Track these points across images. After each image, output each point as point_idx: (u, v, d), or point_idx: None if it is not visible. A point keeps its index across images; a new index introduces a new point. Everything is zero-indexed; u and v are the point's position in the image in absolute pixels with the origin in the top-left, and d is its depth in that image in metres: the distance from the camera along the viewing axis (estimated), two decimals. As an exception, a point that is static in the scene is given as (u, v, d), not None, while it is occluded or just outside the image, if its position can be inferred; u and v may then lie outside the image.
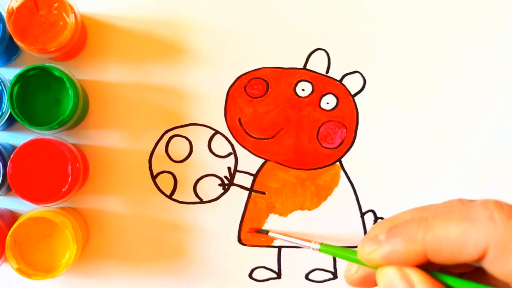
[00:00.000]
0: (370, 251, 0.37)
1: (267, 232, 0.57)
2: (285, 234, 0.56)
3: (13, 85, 0.51)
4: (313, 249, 0.51)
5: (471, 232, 0.34)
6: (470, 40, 0.58)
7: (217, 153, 0.58)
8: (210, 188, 0.58)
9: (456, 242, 0.34)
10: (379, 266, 0.37)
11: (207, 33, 0.57)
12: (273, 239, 0.58)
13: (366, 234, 0.41)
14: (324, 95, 0.58)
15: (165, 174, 0.57)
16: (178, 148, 0.57)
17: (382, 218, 0.58)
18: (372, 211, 0.58)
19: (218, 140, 0.57)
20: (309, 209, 0.58)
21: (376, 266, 0.38)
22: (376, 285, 0.39)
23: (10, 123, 0.55)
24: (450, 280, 0.36)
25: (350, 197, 0.58)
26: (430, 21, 0.58)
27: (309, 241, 0.52)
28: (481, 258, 0.34)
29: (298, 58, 0.58)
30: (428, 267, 0.37)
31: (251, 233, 0.58)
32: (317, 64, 0.58)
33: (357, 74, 0.58)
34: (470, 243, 0.33)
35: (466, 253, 0.34)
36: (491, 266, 0.34)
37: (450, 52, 0.58)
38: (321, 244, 0.50)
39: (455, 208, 0.36)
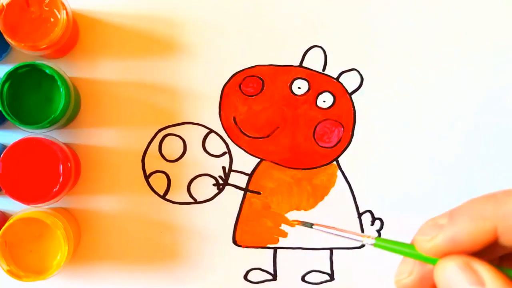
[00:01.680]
0: (432, 237, 0.33)
1: (311, 225, 0.54)
2: (332, 228, 0.52)
3: (3, 83, 0.51)
4: (367, 244, 0.48)
5: None
6: (469, 38, 0.59)
7: (211, 152, 0.58)
8: (204, 188, 0.58)
9: None
10: (443, 254, 0.33)
11: (201, 29, 0.58)
12: (268, 241, 0.58)
13: (420, 227, 0.36)
14: (321, 93, 0.58)
15: (158, 174, 0.58)
16: (172, 147, 0.58)
17: (380, 219, 0.59)
18: (370, 211, 0.59)
19: (212, 139, 0.58)
20: (305, 210, 0.59)
21: (436, 260, 0.33)
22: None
23: (0, 121, 0.55)
24: None
25: (347, 197, 0.59)
26: (429, 17, 0.59)
27: (362, 235, 0.48)
28: None
29: (294, 55, 0.58)
30: (485, 256, 0.33)
31: (296, 224, 0.56)
32: (314, 62, 0.58)
33: (354, 71, 0.58)
34: None
35: None
36: None
37: (450, 49, 0.59)
38: (376, 238, 0.41)
39: None
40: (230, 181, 0.58)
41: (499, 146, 0.59)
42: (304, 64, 0.58)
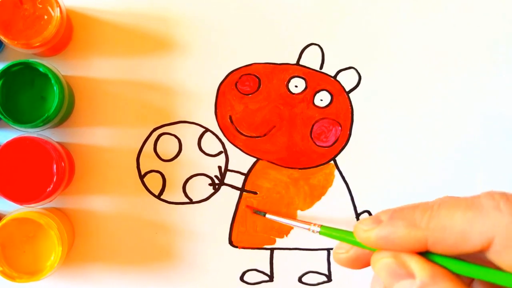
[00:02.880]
0: (368, 229, 0.38)
1: (264, 213, 0.58)
2: (282, 217, 0.57)
3: (-4, 82, 0.52)
4: (313, 231, 0.51)
5: (477, 221, 0.34)
6: (469, 37, 0.59)
7: (207, 151, 0.58)
8: (200, 188, 0.58)
9: (461, 231, 0.34)
10: (375, 246, 0.37)
11: (197, 27, 0.58)
12: (264, 241, 0.59)
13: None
14: (318, 91, 0.59)
15: (153, 173, 0.58)
16: (167, 146, 0.58)
17: (378, 219, 0.59)
18: (368, 211, 0.59)
19: (208, 138, 0.58)
20: (302, 210, 0.59)
21: (372, 248, 0.38)
22: (362, 266, 0.40)
23: (-7, 120, 0.56)
24: (451, 263, 0.36)
25: (344, 197, 0.59)
26: (428, 16, 0.59)
27: (309, 223, 0.52)
28: (485, 248, 0.34)
29: (291, 53, 0.59)
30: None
31: (248, 209, 0.58)
32: (311, 60, 0.59)
33: (352, 70, 0.59)
34: (475, 232, 0.34)
35: (470, 243, 0.34)
36: (497, 256, 0.34)
37: (449, 48, 0.59)
38: (321, 226, 0.50)
39: (461, 199, 0.36)
40: (226, 181, 0.59)
41: (499, 146, 0.59)
42: (301, 62, 0.59)
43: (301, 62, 0.59)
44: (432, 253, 0.36)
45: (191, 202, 0.59)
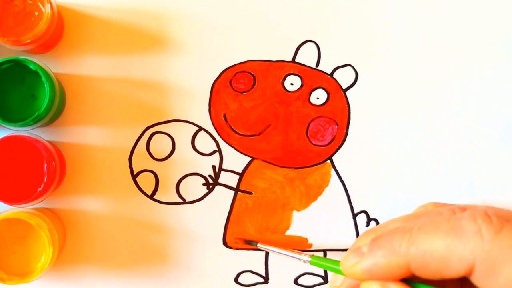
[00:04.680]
0: (353, 263, 0.39)
1: (256, 243, 0.58)
2: (275, 246, 0.57)
3: (-15, 79, 0.52)
4: (304, 261, 0.52)
5: (457, 247, 0.35)
6: (467, 35, 0.60)
7: (201, 150, 0.59)
8: (193, 187, 0.59)
9: (441, 256, 0.35)
10: (362, 279, 0.38)
11: (190, 23, 0.59)
12: (261, 241, 0.59)
13: (352, 245, 0.43)
14: (314, 89, 0.59)
15: (146, 173, 0.59)
16: (160, 145, 0.59)
17: (375, 220, 0.60)
18: (365, 212, 0.60)
19: (202, 137, 0.59)
20: (298, 210, 0.60)
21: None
22: None
23: (-18, 119, 0.56)
24: None
25: (341, 197, 0.60)
26: (426, 12, 0.59)
27: (300, 253, 0.53)
28: (468, 273, 0.35)
29: (286, 50, 0.59)
30: (415, 281, 0.38)
31: (238, 243, 0.59)
32: (307, 57, 0.59)
33: (348, 67, 0.59)
34: (456, 258, 0.34)
35: (452, 269, 0.35)
36: (479, 282, 0.35)
37: (447, 46, 0.60)
38: (311, 256, 0.51)
39: (442, 218, 0.36)
40: (220, 181, 0.59)
41: (498, 145, 0.60)
42: (297, 60, 0.59)
43: (297, 59, 0.59)
44: (416, 282, 0.37)
45: (185, 202, 0.59)
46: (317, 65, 0.59)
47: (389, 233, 0.38)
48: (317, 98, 0.59)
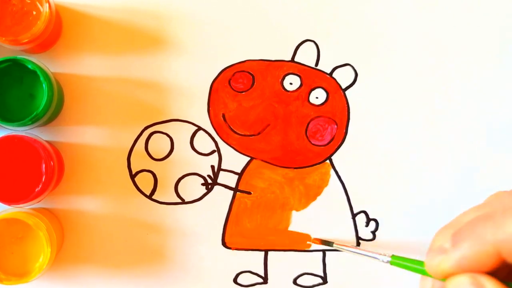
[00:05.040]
0: (439, 262, 0.37)
1: (332, 243, 0.58)
2: (351, 246, 0.57)
3: (-17, 79, 0.52)
4: (383, 261, 0.51)
5: None
6: (467, 33, 0.60)
7: (199, 150, 0.59)
8: (192, 187, 0.59)
9: None
10: (450, 276, 0.37)
11: (189, 23, 0.59)
12: (257, 243, 0.59)
13: (430, 246, 0.40)
14: (313, 89, 0.59)
15: (144, 173, 0.59)
16: (159, 145, 0.59)
17: (375, 220, 0.60)
18: (364, 212, 0.60)
19: (201, 137, 0.59)
20: (297, 210, 0.60)
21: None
22: None
23: (-20, 119, 0.56)
24: None
25: (340, 197, 0.60)
26: (426, 11, 0.60)
27: (378, 253, 0.52)
28: None
29: (285, 50, 0.59)
30: (505, 276, 0.36)
31: (316, 242, 0.59)
32: (306, 56, 0.59)
33: (348, 67, 0.59)
34: None
35: None
36: None
37: (447, 44, 0.60)
38: (392, 256, 0.49)
39: None
40: (219, 181, 0.59)
41: (497, 145, 0.60)
42: (296, 59, 0.59)
43: (296, 59, 0.59)
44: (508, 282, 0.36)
45: (183, 202, 0.59)
46: (317, 64, 0.59)
47: (469, 223, 0.36)
48: (317, 97, 0.59)
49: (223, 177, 0.59)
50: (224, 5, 0.59)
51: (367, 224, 0.60)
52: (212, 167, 0.59)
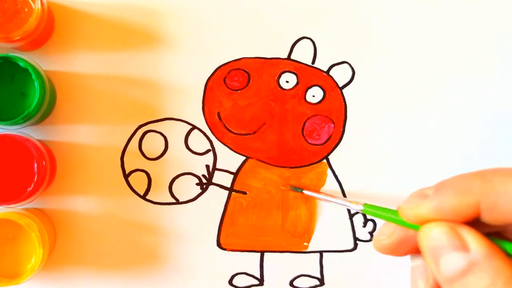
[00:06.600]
0: (416, 205, 0.36)
1: (301, 190, 0.58)
2: (322, 193, 0.58)
3: (-26, 77, 0.53)
4: (355, 210, 0.51)
5: None
6: (465, 31, 0.60)
7: (194, 150, 0.60)
8: (187, 187, 0.59)
9: None
10: (425, 222, 0.36)
11: (183, 20, 0.59)
12: (253, 244, 0.60)
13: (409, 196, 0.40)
14: (310, 87, 0.60)
15: (138, 172, 0.59)
16: (153, 144, 0.59)
17: (372, 220, 0.60)
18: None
19: (195, 136, 0.59)
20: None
21: (418, 226, 0.36)
22: (405, 253, 0.38)
23: (-29, 117, 0.56)
24: (508, 246, 0.35)
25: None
26: (424, 9, 0.60)
27: (350, 201, 0.52)
28: None
29: (281, 47, 0.60)
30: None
31: (285, 188, 0.59)
32: (303, 54, 0.60)
33: (345, 64, 0.60)
34: None
35: None
36: None
37: (445, 42, 0.60)
38: (364, 204, 0.48)
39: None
40: (214, 180, 0.60)
41: (496, 144, 0.61)
42: (292, 57, 0.60)
43: (292, 57, 0.60)
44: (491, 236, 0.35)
45: (178, 202, 0.60)
46: (313, 62, 0.60)
47: (457, 176, 0.36)
48: (313, 96, 0.60)
49: (218, 177, 0.60)
50: (219, 1, 0.59)
51: (364, 225, 0.60)
52: (207, 166, 0.60)
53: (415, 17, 0.60)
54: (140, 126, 0.59)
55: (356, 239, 0.60)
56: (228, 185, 0.60)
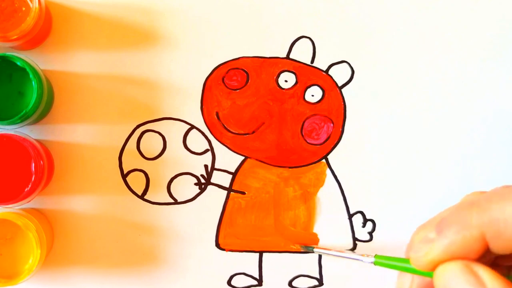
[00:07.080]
0: (425, 252, 0.36)
1: (312, 248, 0.59)
2: (331, 249, 0.57)
3: (-29, 76, 0.53)
4: (367, 262, 0.50)
5: None
6: (464, 30, 0.60)
7: (193, 149, 0.60)
8: (185, 187, 0.60)
9: None
10: (437, 266, 0.36)
11: (182, 19, 0.59)
12: (252, 244, 0.60)
13: (410, 242, 0.40)
14: (309, 86, 0.60)
15: (136, 172, 0.59)
16: (151, 144, 0.59)
17: (371, 220, 0.60)
18: (361, 212, 0.60)
19: (194, 135, 0.59)
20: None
21: (432, 273, 0.37)
22: None
23: (-32, 117, 0.56)
24: None
25: (337, 198, 0.60)
26: (423, 8, 0.60)
27: (361, 254, 0.52)
28: None
29: (280, 46, 0.60)
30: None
31: (295, 247, 0.59)
32: (302, 53, 0.60)
33: (344, 64, 0.60)
34: None
35: None
36: None
37: (444, 42, 0.60)
38: (375, 256, 0.48)
39: (507, 190, 0.35)
40: (212, 180, 0.60)
41: (495, 144, 0.61)
42: (291, 56, 0.60)
43: (291, 56, 0.60)
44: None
45: (176, 202, 0.60)
46: (312, 61, 0.60)
47: (454, 211, 0.36)
48: (312, 95, 0.60)
49: (216, 177, 0.60)
50: (218, 0, 0.59)
51: (364, 225, 0.60)
52: (206, 166, 0.60)
53: (414, 17, 0.60)
54: (138, 126, 0.59)
55: (355, 239, 0.61)
56: (227, 185, 0.60)
